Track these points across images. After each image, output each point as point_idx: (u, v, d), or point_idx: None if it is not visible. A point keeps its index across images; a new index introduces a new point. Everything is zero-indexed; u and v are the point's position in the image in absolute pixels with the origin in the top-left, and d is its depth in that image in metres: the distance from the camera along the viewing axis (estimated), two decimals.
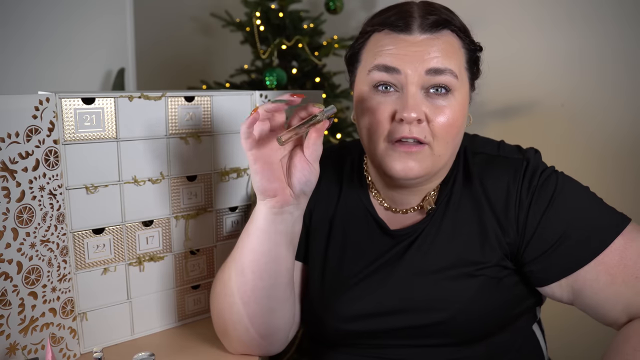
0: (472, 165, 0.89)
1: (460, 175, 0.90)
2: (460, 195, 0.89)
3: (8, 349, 0.78)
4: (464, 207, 0.88)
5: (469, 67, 0.86)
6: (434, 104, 0.81)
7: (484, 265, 0.85)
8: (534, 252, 0.84)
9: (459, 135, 0.85)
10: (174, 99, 0.93)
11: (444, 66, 0.81)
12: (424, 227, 0.89)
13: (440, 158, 0.84)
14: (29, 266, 0.79)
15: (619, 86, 1.60)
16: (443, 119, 0.81)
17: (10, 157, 0.75)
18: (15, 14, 1.22)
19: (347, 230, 0.93)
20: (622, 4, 1.58)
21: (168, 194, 0.95)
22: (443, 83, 0.81)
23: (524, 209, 0.85)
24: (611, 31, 1.60)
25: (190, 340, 0.96)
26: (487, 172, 0.88)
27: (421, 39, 0.82)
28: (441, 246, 0.87)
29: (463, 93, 0.84)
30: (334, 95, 1.78)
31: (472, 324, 0.85)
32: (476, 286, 0.85)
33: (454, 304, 0.84)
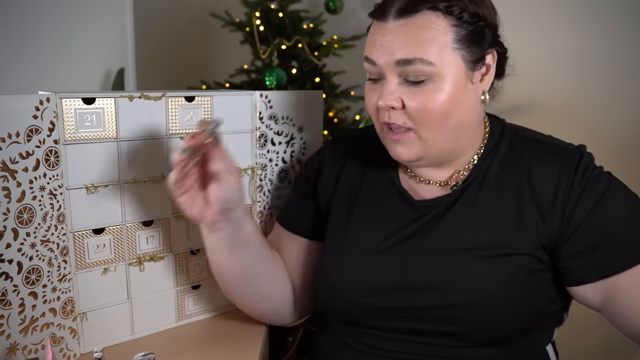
0: (518, 148, 0.87)
1: (501, 156, 0.87)
2: (498, 175, 0.86)
3: (8, 349, 0.78)
4: (502, 189, 0.85)
5: (462, 46, 0.80)
6: (411, 90, 0.81)
7: (516, 252, 0.81)
8: (575, 246, 0.81)
9: (452, 119, 0.82)
10: (174, 99, 0.93)
11: (413, 56, 0.78)
12: (452, 202, 0.86)
13: (433, 143, 0.83)
14: (29, 266, 0.79)
15: (619, 86, 1.59)
16: (417, 104, 0.80)
17: (10, 157, 0.75)
18: (15, 14, 1.22)
19: (370, 203, 0.92)
20: (623, 4, 1.58)
21: (168, 194, 0.95)
22: (414, 73, 0.79)
23: (572, 199, 0.81)
24: (611, 31, 1.59)
25: (190, 340, 0.96)
26: (537, 157, 0.85)
27: (393, 26, 0.80)
28: (471, 225, 0.84)
29: (449, 75, 0.80)
30: (333, 95, 1.78)
31: (491, 313, 0.81)
32: (504, 272, 0.81)
33: (476, 286, 0.81)
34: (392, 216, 0.89)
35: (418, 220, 0.87)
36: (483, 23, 0.82)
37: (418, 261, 0.85)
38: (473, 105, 0.84)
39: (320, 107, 1.15)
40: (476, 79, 0.83)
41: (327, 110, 1.81)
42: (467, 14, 0.80)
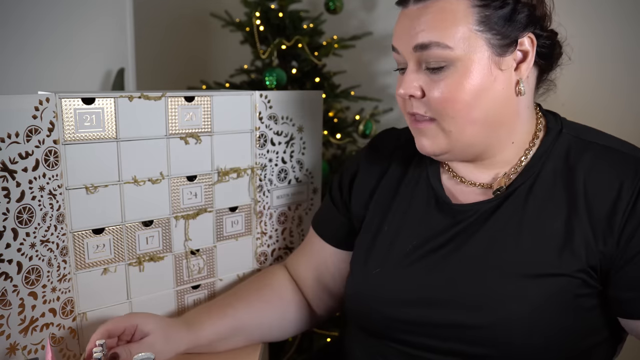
0: (577, 153, 0.78)
1: (555, 160, 0.78)
2: (549, 184, 0.77)
3: (8, 349, 0.78)
4: (552, 200, 0.76)
5: (487, 28, 0.74)
6: (431, 77, 0.76)
7: (559, 272, 0.73)
8: (634, 275, 0.71)
9: (476, 110, 0.75)
10: (174, 99, 0.93)
11: (428, 40, 0.74)
12: (493, 210, 0.79)
13: (457, 135, 0.77)
14: (29, 266, 0.79)
15: (619, 85, 1.59)
16: (437, 93, 0.75)
17: (10, 157, 0.75)
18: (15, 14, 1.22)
19: (403, 206, 0.87)
20: (622, 3, 1.58)
21: (168, 194, 0.95)
22: (431, 58, 0.75)
23: (635, 218, 0.71)
24: (611, 30, 1.59)
25: None
26: (598, 165, 0.75)
27: (412, 10, 0.77)
28: (511, 238, 0.76)
29: (471, 61, 0.74)
30: (333, 95, 1.78)
31: (522, 338, 0.73)
32: (542, 293, 0.72)
33: (509, 307, 0.73)
34: (425, 222, 0.84)
35: (453, 227, 0.80)
36: (512, 3, 0.74)
37: (449, 274, 0.78)
38: (504, 96, 0.76)
39: (320, 107, 1.15)
40: (507, 65, 0.75)
41: (327, 110, 1.81)
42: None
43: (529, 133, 0.82)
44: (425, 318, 0.78)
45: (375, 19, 2.00)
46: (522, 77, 0.77)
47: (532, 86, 0.82)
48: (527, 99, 0.80)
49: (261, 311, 0.95)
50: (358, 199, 0.94)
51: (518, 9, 0.75)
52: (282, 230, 1.13)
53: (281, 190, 1.11)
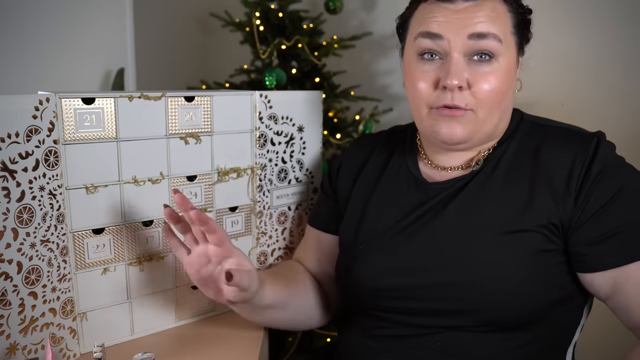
0: (534, 134, 0.89)
1: (517, 142, 0.89)
2: (511, 161, 0.87)
3: (8, 349, 0.78)
4: (515, 173, 0.86)
5: (516, 32, 0.86)
6: (477, 70, 0.83)
7: (524, 229, 0.82)
8: (590, 233, 0.80)
9: (504, 102, 0.85)
10: (173, 99, 0.93)
11: (487, 30, 0.82)
12: (464, 185, 0.88)
13: (484, 123, 0.85)
14: (29, 266, 0.79)
15: (617, 86, 1.59)
16: (487, 85, 0.83)
17: (10, 157, 0.75)
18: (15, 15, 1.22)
19: (386, 191, 0.95)
20: (619, 4, 1.58)
21: (168, 194, 0.95)
22: (486, 48, 0.82)
23: (588, 183, 0.81)
24: (608, 31, 1.60)
25: (190, 340, 0.96)
26: (552, 141, 0.87)
27: (464, 6, 0.83)
28: (482, 206, 0.85)
29: (508, 58, 0.84)
30: (333, 95, 1.78)
31: (498, 289, 0.80)
32: (511, 248, 0.82)
33: (482, 262, 0.82)
34: (405, 200, 0.92)
35: (430, 201, 0.89)
36: (527, 13, 0.88)
37: (429, 240, 0.86)
38: (514, 89, 0.89)
39: (319, 107, 1.16)
40: (519, 65, 0.89)
41: (327, 110, 1.81)
42: (517, 4, 0.86)
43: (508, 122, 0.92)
44: (409, 282, 0.86)
45: (375, 19, 2.00)
46: (518, 75, 0.90)
47: None
48: None
49: (304, 294, 1.00)
50: (343, 183, 1.02)
51: (529, 19, 0.89)
52: (282, 230, 1.14)
53: (281, 190, 1.11)
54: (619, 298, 0.81)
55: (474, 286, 0.81)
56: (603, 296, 0.83)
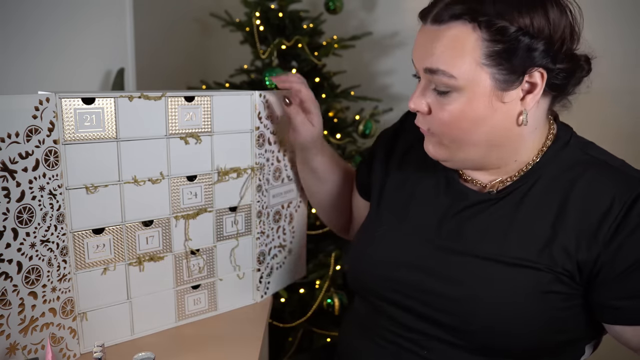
0: (580, 167, 0.81)
1: (558, 169, 0.82)
2: (543, 191, 0.81)
3: (8, 349, 0.78)
4: (544, 205, 0.80)
5: (493, 62, 0.75)
6: (438, 99, 0.80)
7: (538, 269, 0.78)
8: (622, 286, 0.75)
9: (476, 135, 0.79)
10: (173, 99, 0.93)
11: (436, 67, 0.77)
12: (490, 205, 0.84)
13: (456, 150, 0.82)
14: (29, 266, 0.79)
15: (617, 87, 1.59)
16: (442, 116, 0.79)
17: (10, 157, 0.75)
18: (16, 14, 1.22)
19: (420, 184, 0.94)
20: (621, 5, 1.58)
21: (168, 194, 0.95)
22: (438, 83, 0.78)
23: (622, 233, 0.74)
24: (610, 32, 1.60)
25: (190, 340, 0.96)
26: (596, 181, 0.78)
27: (427, 30, 0.79)
28: (501, 233, 0.81)
29: (475, 92, 0.76)
30: (333, 95, 1.78)
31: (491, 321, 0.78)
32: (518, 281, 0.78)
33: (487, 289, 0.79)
34: (432, 200, 0.90)
35: (453, 209, 0.87)
36: (528, 39, 0.74)
37: (442, 248, 0.85)
38: (505, 125, 0.79)
39: None
40: (510, 98, 0.77)
41: (327, 110, 1.81)
42: (507, 30, 0.73)
43: (534, 149, 0.84)
44: (415, 281, 0.85)
45: (375, 19, 2.00)
46: (526, 108, 0.78)
47: (544, 108, 0.82)
48: (534, 122, 0.81)
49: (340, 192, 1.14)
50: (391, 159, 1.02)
51: (532, 45, 0.74)
52: (277, 229, 1.14)
53: (276, 189, 1.11)
54: None
55: (470, 306, 0.80)
56: (634, 348, 0.78)
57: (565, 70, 0.78)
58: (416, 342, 0.86)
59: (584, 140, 0.86)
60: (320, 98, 1.76)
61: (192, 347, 0.94)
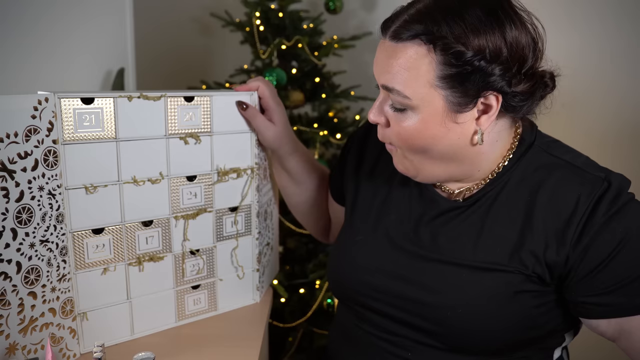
0: (544, 169, 0.82)
1: (523, 173, 0.82)
2: (515, 193, 0.82)
3: (8, 349, 0.78)
4: (514, 209, 0.81)
5: (447, 85, 0.74)
6: (395, 114, 0.80)
7: (508, 271, 0.79)
8: (595, 284, 0.77)
9: (427, 152, 0.80)
10: (173, 99, 0.93)
11: (391, 85, 0.77)
12: (461, 211, 0.85)
13: (418, 165, 0.83)
14: (29, 266, 0.79)
15: (619, 87, 1.59)
16: (397, 130, 0.80)
17: (9, 157, 0.75)
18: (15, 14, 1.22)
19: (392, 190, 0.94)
20: (622, 4, 1.58)
21: (167, 194, 0.95)
22: (393, 101, 0.79)
23: (589, 233, 0.76)
24: (611, 32, 1.60)
25: (190, 340, 0.96)
26: (560, 182, 0.80)
27: (386, 45, 0.78)
28: (471, 240, 0.82)
29: (430, 112, 0.76)
30: (333, 95, 1.78)
31: (468, 323, 0.80)
32: (489, 285, 0.80)
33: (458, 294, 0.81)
34: (405, 206, 0.91)
35: (426, 216, 0.88)
36: (484, 63, 0.72)
37: (414, 254, 0.87)
38: (458, 144, 0.79)
39: None
40: (464, 119, 0.77)
41: (327, 110, 1.81)
42: (463, 54, 0.72)
43: (499, 156, 0.84)
44: (392, 289, 0.87)
45: (375, 19, 2.00)
46: (481, 128, 0.78)
47: (505, 123, 0.82)
48: (495, 136, 0.81)
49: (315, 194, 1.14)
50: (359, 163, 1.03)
51: (487, 69, 0.73)
52: (266, 227, 1.14)
53: (265, 187, 1.12)
54: (626, 342, 0.79)
55: (444, 311, 0.81)
56: (610, 338, 0.81)
57: (523, 92, 0.77)
58: (399, 345, 0.88)
59: (547, 140, 0.86)
60: (320, 98, 1.76)
61: (192, 347, 0.94)
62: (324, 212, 1.17)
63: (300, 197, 1.14)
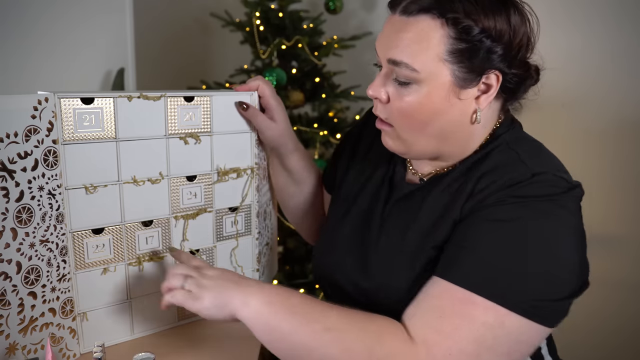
0: (487, 157, 0.84)
1: (468, 166, 0.85)
2: (454, 180, 0.84)
3: (7, 349, 0.78)
4: (446, 191, 0.84)
5: (455, 60, 0.77)
6: (397, 89, 0.81)
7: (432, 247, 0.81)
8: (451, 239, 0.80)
9: (430, 128, 0.81)
10: (173, 99, 0.93)
11: (400, 59, 0.79)
12: (408, 197, 0.89)
13: (411, 144, 0.84)
14: (29, 266, 0.79)
15: (619, 87, 1.59)
16: (400, 105, 0.81)
17: (9, 157, 0.75)
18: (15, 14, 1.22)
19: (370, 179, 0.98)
20: (623, 4, 1.58)
21: (167, 194, 0.95)
22: (400, 75, 0.80)
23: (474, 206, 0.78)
24: (612, 31, 1.59)
25: (190, 340, 0.96)
26: (493, 169, 0.81)
27: (395, 20, 0.80)
28: (413, 220, 0.85)
29: (434, 86, 0.78)
30: (333, 95, 1.78)
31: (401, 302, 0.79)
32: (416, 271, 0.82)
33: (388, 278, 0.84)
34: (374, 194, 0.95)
35: (387, 202, 0.92)
36: (489, 42, 0.77)
37: (363, 236, 0.91)
38: (459, 120, 0.82)
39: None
40: (467, 95, 0.80)
41: (327, 110, 1.81)
42: (472, 30, 0.76)
43: (478, 144, 0.86)
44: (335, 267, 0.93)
45: (375, 19, 2.00)
46: (480, 107, 0.81)
47: (495, 109, 0.85)
48: (483, 121, 0.84)
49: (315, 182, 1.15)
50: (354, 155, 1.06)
51: (492, 48, 0.77)
52: (265, 227, 1.14)
53: (264, 187, 1.12)
54: None
55: (376, 295, 0.85)
56: None
57: (518, 75, 0.81)
58: None
59: (519, 135, 0.87)
60: (320, 98, 1.76)
61: (192, 347, 0.94)
62: (320, 213, 1.17)
63: (299, 197, 1.15)
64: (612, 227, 1.59)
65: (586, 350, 1.53)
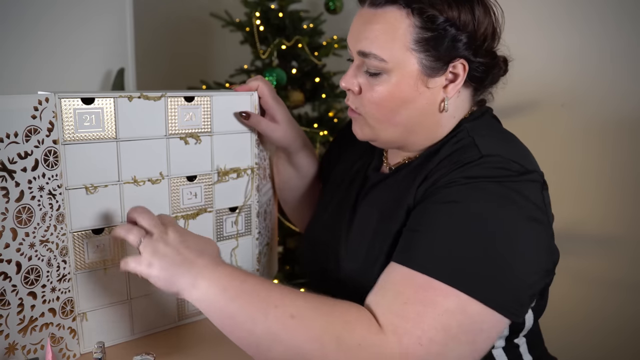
0: (445, 147, 0.85)
1: (430, 151, 0.87)
2: (415, 167, 0.86)
3: (7, 349, 0.78)
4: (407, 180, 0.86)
5: (422, 49, 0.80)
6: (368, 80, 0.85)
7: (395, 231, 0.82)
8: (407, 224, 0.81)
9: (398, 117, 0.84)
10: (173, 99, 0.93)
11: (368, 50, 0.82)
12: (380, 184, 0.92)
13: (379, 132, 0.88)
14: (28, 266, 0.79)
15: (619, 86, 1.59)
16: (371, 96, 0.84)
17: (9, 157, 0.75)
18: (15, 14, 1.22)
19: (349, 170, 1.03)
20: (622, 3, 1.58)
21: (168, 194, 0.95)
22: (369, 66, 0.83)
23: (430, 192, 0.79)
24: (611, 30, 1.59)
25: (190, 340, 0.96)
26: (449, 155, 0.83)
27: (363, 12, 0.84)
28: (373, 210, 0.89)
29: (402, 75, 0.82)
30: (333, 95, 1.78)
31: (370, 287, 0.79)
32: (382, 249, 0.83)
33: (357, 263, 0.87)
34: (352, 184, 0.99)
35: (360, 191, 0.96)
36: (454, 30, 0.80)
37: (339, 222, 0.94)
38: (427, 109, 0.84)
39: None
40: (435, 84, 0.83)
41: (327, 110, 1.81)
42: (436, 19, 0.79)
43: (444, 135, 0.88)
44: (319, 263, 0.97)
45: None
46: (447, 96, 0.84)
47: (465, 99, 0.88)
48: (452, 111, 0.87)
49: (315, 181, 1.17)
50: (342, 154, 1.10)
51: (457, 36, 0.81)
52: (265, 227, 1.14)
53: (265, 187, 1.12)
54: None
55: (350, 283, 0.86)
56: None
57: (485, 64, 0.85)
58: None
59: (483, 124, 0.88)
60: (320, 98, 1.76)
61: (192, 347, 0.94)
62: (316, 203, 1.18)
63: (300, 190, 1.17)
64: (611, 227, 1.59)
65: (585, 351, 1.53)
